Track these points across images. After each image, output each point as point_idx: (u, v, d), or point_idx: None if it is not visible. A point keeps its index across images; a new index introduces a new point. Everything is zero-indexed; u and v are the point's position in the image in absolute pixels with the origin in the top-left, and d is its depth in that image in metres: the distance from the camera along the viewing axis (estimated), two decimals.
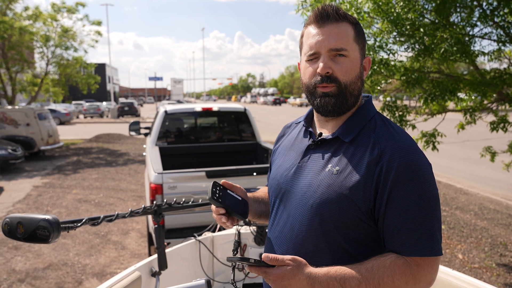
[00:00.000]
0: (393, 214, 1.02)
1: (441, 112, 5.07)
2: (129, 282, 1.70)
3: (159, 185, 3.77)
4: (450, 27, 4.10)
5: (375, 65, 3.89)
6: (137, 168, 10.75)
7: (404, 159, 1.02)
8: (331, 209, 1.05)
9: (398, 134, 1.08)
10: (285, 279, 0.97)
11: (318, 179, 1.09)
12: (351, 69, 1.10)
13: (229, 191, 1.22)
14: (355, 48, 1.11)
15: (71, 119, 28.33)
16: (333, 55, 1.09)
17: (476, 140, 14.04)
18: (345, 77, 1.09)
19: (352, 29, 1.11)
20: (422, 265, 1.01)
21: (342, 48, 1.08)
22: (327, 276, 1.00)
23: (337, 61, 1.09)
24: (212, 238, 2.43)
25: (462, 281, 1.66)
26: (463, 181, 8.74)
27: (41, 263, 4.61)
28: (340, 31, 1.10)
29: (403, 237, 1.01)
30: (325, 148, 1.14)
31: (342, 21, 1.11)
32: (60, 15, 15.21)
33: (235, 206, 1.20)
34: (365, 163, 1.04)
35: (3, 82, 14.79)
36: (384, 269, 1.00)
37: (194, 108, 5.69)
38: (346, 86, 1.10)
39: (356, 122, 1.13)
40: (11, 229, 1.32)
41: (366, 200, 1.03)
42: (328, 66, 1.09)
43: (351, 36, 1.10)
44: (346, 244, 1.07)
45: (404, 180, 1.01)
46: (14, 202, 7.29)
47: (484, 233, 5.46)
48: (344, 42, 1.09)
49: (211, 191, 1.15)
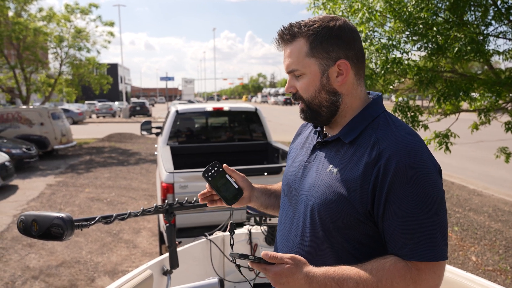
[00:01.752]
0: (391, 216, 1.00)
1: (454, 112, 5.00)
2: (141, 280, 1.71)
3: (171, 184, 3.79)
4: (464, 26, 4.04)
5: (388, 64, 3.85)
6: (148, 167, 10.84)
7: (403, 160, 0.99)
8: (330, 209, 1.05)
9: (400, 134, 1.04)
10: (283, 277, 0.98)
11: (320, 179, 1.10)
12: (308, 85, 1.12)
13: (227, 176, 1.29)
14: (309, 62, 1.10)
15: (84, 118, 28.69)
16: (292, 75, 1.14)
17: (490, 140, 13.82)
18: (305, 93, 1.13)
19: (305, 43, 1.09)
20: (423, 269, 0.98)
21: (293, 69, 1.12)
22: (325, 276, 0.99)
23: (298, 79, 1.14)
24: (223, 238, 2.43)
25: (476, 283, 1.64)
26: (477, 182, 8.61)
27: (54, 261, 4.68)
28: (291, 51, 1.12)
29: (402, 240, 0.99)
30: (329, 148, 1.14)
31: (294, 40, 1.11)
32: (73, 16, 15.43)
33: (223, 189, 1.28)
34: (363, 164, 1.03)
35: (18, 82, 15.05)
36: (383, 271, 0.98)
37: (205, 108, 5.71)
38: (310, 102, 1.14)
39: (359, 122, 1.12)
40: (26, 227, 1.34)
41: (363, 202, 1.02)
42: (290, 86, 1.16)
43: (303, 52, 1.10)
44: (348, 245, 1.06)
45: (402, 182, 0.98)
46: (29, 200, 7.41)
47: (499, 235, 5.37)
48: (294, 61, 1.11)
49: (206, 168, 1.26)
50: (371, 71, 3.97)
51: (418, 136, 1.07)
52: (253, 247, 2.45)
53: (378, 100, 1.17)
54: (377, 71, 3.95)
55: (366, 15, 3.91)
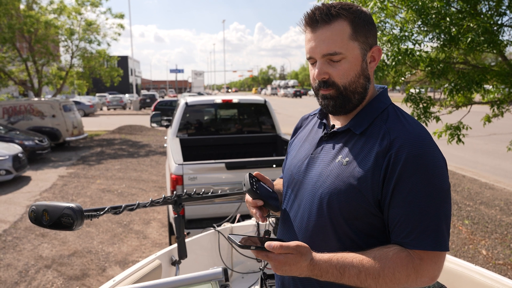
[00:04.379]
0: (398, 205, 1.00)
1: (466, 105, 4.92)
2: (149, 270, 1.73)
3: (180, 176, 3.81)
4: (477, 16, 3.96)
5: (400, 55, 3.80)
6: (158, 159, 10.92)
7: (414, 150, 0.99)
8: (339, 199, 1.05)
9: (410, 126, 1.05)
10: (286, 265, 0.97)
11: (328, 170, 1.09)
12: (349, 70, 1.07)
13: (262, 183, 1.20)
14: (353, 46, 1.06)
15: (95, 111, 28.96)
16: (328, 59, 1.07)
17: (503, 133, 13.61)
18: (343, 79, 1.08)
19: (348, 25, 1.05)
20: (425, 259, 0.99)
21: (336, 52, 1.05)
22: (328, 263, 0.99)
23: (334, 65, 1.07)
24: (231, 229, 2.45)
25: (485, 276, 1.62)
26: (489, 175, 8.49)
27: (67, 250, 4.76)
28: (332, 33, 1.05)
29: (407, 229, 0.99)
30: (336, 140, 1.14)
31: (334, 21, 1.05)
32: (84, 8, 15.50)
33: (269, 198, 1.18)
34: (374, 154, 1.03)
35: (30, 75, 15.23)
36: (386, 260, 0.98)
37: (214, 100, 5.72)
38: (346, 88, 1.08)
39: (368, 114, 1.11)
40: (37, 217, 1.36)
41: (375, 191, 1.02)
42: (323, 72, 1.08)
43: (347, 34, 1.05)
44: (355, 236, 1.06)
45: (412, 172, 0.98)
46: (41, 191, 7.54)
47: (510, 229, 5.31)
48: (337, 44, 1.05)
49: (249, 183, 1.13)
50: (382, 63, 3.91)
51: (425, 129, 1.07)
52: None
53: (384, 92, 1.18)
54: (388, 62, 3.90)
55: (378, 5, 3.85)
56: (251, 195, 1.14)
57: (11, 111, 12.43)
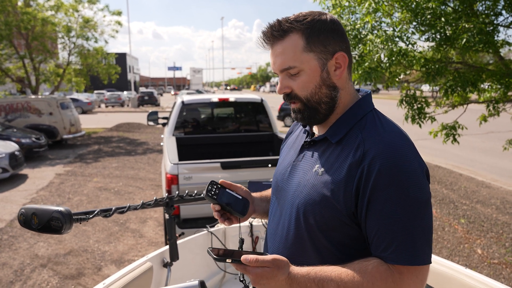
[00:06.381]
0: (373, 218, 0.97)
1: (462, 104, 4.93)
2: (140, 272, 1.73)
3: (175, 176, 3.81)
4: (473, 17, 3.96)
5: (394, 56, 3.80)
6: (155, 157, 10.91)
7: (388, 161, 0.96)
8: (314, 210, 1.03)
9: (386, 134, 1.01)
10: (264, 279, 0.95)
11: (305, 179, 1.08)
12: (308, 82, 1.06)
13: (228, 190, 1.24)
14: (308, 57, 1.05)
15: (93, 108, 28.88)
16: (287, 73, 1.08)
17: (500, 131, 13.63)
18: (303, 91, 1.08)
19: (300, 38, 1.04)
20: (405, 273, 0.96)
21: (290, 67, 1.06)
22: (306, 277, 0.98)
23: (293, 78, 1.07)
24: (224, 230, 2.45)
25: (474, 279, 1.63)
26: (485, 174, 8.51)
27: (62, 249, 4.76)
28: (285, 48, 1.05)
29: (385, 243, 0.97)
30: (316, 148, 1.12)
31: (286, 36, 1.05)
32: (81, 5, 15.43)
33: (233, 204, 1.22)
34: (347, 165, 1.00)
35: (27, 72, 15.17)
36: (364, 274, 0.96)
37: (211, 98, 5.71)
38: (309, 99, 1.08)
39: (345, 121, 1.09)
40: (26, 220, 1.36)
41: (347, 203, 1.00)
42: (284, 86, 1.09)
43: (299, 47, 1.04)
44: (332, 247, 1.04)
45: (386, 184, 0.95)
46: (38, 189, 7.53)
47: (506, 228, 5.33)
48: (291, 58, 1.05)
49: (206, 189, 1.20)
50: (376, 64, 3.91)
51: (405, 136, 1.04)
52: (254, 239, 2.47)
53: (367, 97, 1.14)
54: (382, 64, 3.90)
55: (372, 5, 3.84)
56: (209, 201, 1.21)
57: (8, 108, 12.39)
